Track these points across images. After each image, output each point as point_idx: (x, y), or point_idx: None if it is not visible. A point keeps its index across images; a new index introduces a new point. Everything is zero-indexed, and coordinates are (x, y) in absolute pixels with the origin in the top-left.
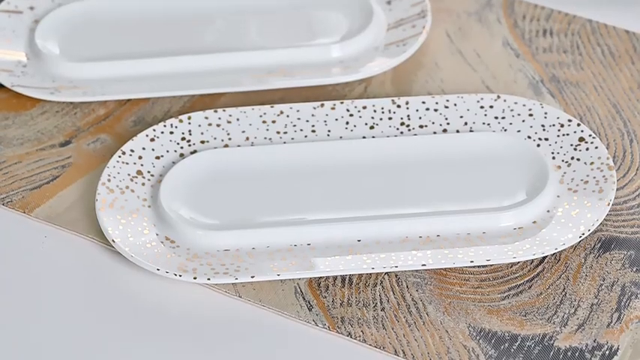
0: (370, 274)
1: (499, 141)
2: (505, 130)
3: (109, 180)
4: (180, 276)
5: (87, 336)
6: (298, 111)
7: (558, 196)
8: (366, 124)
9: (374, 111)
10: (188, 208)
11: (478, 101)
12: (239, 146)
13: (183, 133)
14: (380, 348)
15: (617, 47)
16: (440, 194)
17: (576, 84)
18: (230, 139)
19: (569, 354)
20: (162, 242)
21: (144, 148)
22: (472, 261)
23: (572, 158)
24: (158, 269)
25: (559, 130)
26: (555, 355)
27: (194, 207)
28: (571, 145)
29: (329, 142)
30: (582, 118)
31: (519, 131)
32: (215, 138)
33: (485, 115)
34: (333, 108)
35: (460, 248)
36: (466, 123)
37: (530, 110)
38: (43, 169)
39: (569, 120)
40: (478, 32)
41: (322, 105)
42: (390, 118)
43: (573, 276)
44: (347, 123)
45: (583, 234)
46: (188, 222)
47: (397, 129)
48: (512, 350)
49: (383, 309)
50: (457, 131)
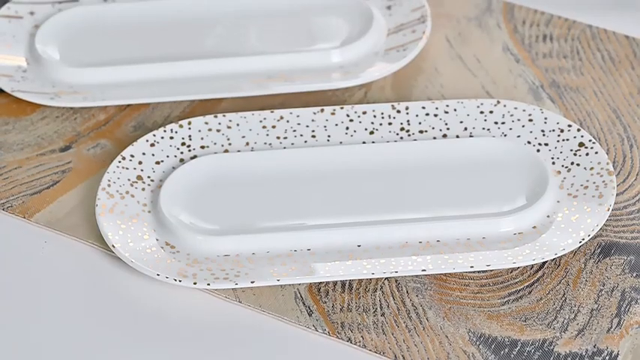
0: (370, 280)
1: (499, 146)
2: (505, 136)
3: (109, 185)
4: (180, 281)
5: (87, 341)
6: (298, 116)
7: (558, 202)
8: (366, 130)
9: (374, 116)
10: (188, 214)
11: (478, 106)
12: (239, 151)
13: (183, 139)
14: (380, 353)
15: (617, 52)
16: (440, 199)
17: (576, 89)
18: (230, 145)
19: (569, 359)
20: (162, 247)
21: (144, 154)
22: (472, 266)
23: (572, 163)
24: (158, 274)
25: (559, 136)
26: None
27: (194, 212)
28: (571, 151)
29: (329, 148)
30: (582, 124)
31: (519, 136)
32: (215, 143)
33: (485, 121)
34: (333, 113)
35: (460, 253)
36: (466, 128)
37: (530, 115)
38: (44, 174)
39: (569, 125)
40: (478, 37)
41: (322, 110)
42: (390, 124)
43: (573, 281)
44: (347, 128)
45: (583, 239)
46: (188, 227)
47: (397, 134)
48: (512, 356)
49: (383, 314)
50: (457, 136)
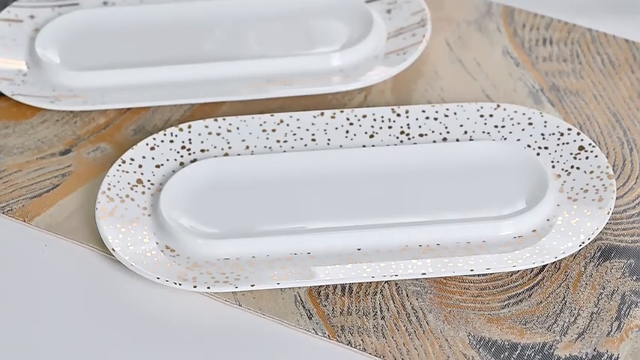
0: (370, 283)
1: (499, 150)
2: (505, 139)
3: (109, 189)
4: (180, 285)
5: (87, 344)
6: (298, 120)
7: (558, 205)
8: (366, 133)
9: (374, 120)
10: (188, 217)
11: (478, 110)
12: (239, 155)
13: (183, 142)
14: (380, 357)
15: (616, 56)
16: (440, 203)
17: (576, 93)
18: (230, 148)
19: None
20: (162, 251)
21: (144, 157)
22: (472, 270)
23: (571, 167)
24: (158, 278)
25: (559, 139)
26: None
27: (194, 216)
28: (571, 154)
29: (329, 151)
30: (582, 127)
31: (519, 140)
32: (215, 147)
33: (485, 124)
34: (333, 117)
35: (460, 257)
36: (466, 132)
37: (529, 119)
38: (44, 178)
39: (568, 129)
40: (478, 41)
41: (322, 114)
42: (390, 127)
43: (573, 285)
44: (347, 132)
45: (583, 243)
46: (188, 231)
47: (397, 138)
48: (512, 359)
49: (383, 318)
50: (457, 140)
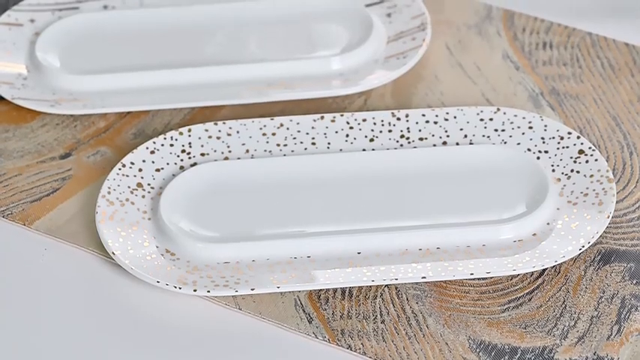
0: (370, 287)
1: (499, 153)
2: (505, 143)
3: (109, 192)
4: (180, 288)
5: (87, 348)
6: (298, 123)
7: (558, 209)
8: (366, 137)
9: (374, 123)
10: (188, 221)
11: (478, 114)
12: (239, 159)
13: (183, 146)
14: None
15: (616, 60)
16: (440, 207)
17: (576, 96)
18: (230, 152)
19: None
20: (162, 255)
21: (144, 161)
22: (472, 273)
23: (571, 171)
24: (158, 282)
25: (559, 143)
26: None
27: (194, 219)
28: (571, 158)
29: (329, 155)
30: (582, 131)
31: (519, 144)
32: (215, 150)
33: (485, 128)
34: (333, 120)
35: (460, 261)
36: (466, 135)
37: (529, 123)
38: (44, 182)
39: (568, 132)
40: (478, 45)
41: (322, 117)
42: (390, 131)
43: (573, 288)
44: (347, 135)
45: (583, 246)
46: (188, 234)
47: (397, 141)
48: None
49: (383, 321)
50: (457, 144)
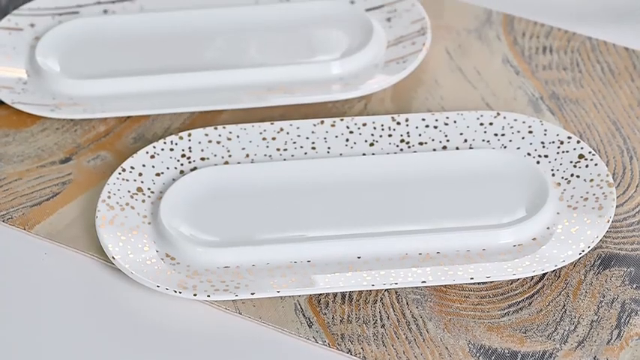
0: (370, 291)
1: (499, 158)
2: (505, 147)
3: (109, 197)
4: (180, 293)
5: (88, 352)
6: (298, 128)
7: (558, 213)
8: (366, 141)
9: (374, 128)
10: (188, 225)
11: (478, 118)
12: (239, 163)
13: (183, 150)
14: None
15: (616, 64)
16: (440, 211)
17: (576, 101)
18: (230, 156)
19: None
20: (162, 259)
21: (144, 165)
22: (472, 278)
23: (571, 175)
24: (158, 286)
25: (559, 147)
26: None
27: (194, 224)
28: (571, 162)
29: (329, 159)
30: (582, 135)
31: (519, 148)
32: (215, 155)
33: (484, 132)
34: (333, 125)
35: (460, 265)
36: (466, 140)
37: (529, 127)
38: (44, 186)
39: (568, 137)
40: (478, 49)
41: (322, 122)
42: (390, 135)
43: (573, 293)
44: (347, 140)
45: (583, 251)
46: (188, 239)
47: (397, 146)
48: None
49: (383, 326)
50: (457, 148)
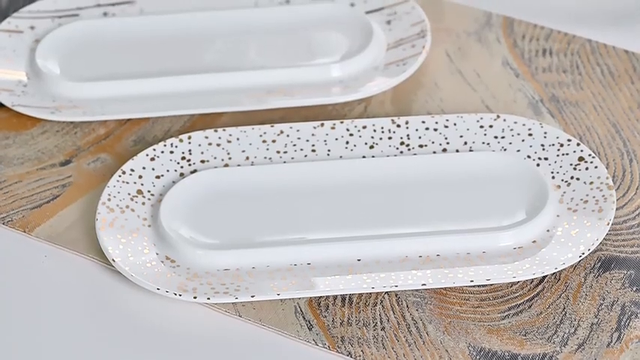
0: (370, 294)
1: (499, 160)
2: (505, 150)
3: (109, 199)
4: (180, 295)
5: (87, 355)
6: (298, 130)
7: (558, 216)
8: (366, 144)
9: (374, 130)
10: (188, 228)
11: (478, 121)
12: (239, 166)
13: (183, 153)
14: None
15: (616, 67)
16: (439, 214)
17: (576, 103)
18: (230, 159)
19: None
20: (162, 262)
21: (144, 168)
22: (472, 280)
23: (571, 178)
24: (158, 289)
25: (558, 150)
26: None
27: (194, 226)
28: (570, 165)
29: (329, 162)
30: (582, 138)
31: (519, 151)
32: (215, 157)
33: (484, 135)
34: (333, 127)
35: (460, 268)
36: (466, 142)
37: (529, 130)
38: (44, 189)
39: (568, 140)
40: (478, 52)
41: (322, 124)
42: (390, 138)
43: (573, 295)
44: (347, 142)
45: (583, 253)
46: (188, 241)
47: (397, 148)
48: None
49: (383, 328)
50: (457, 151)
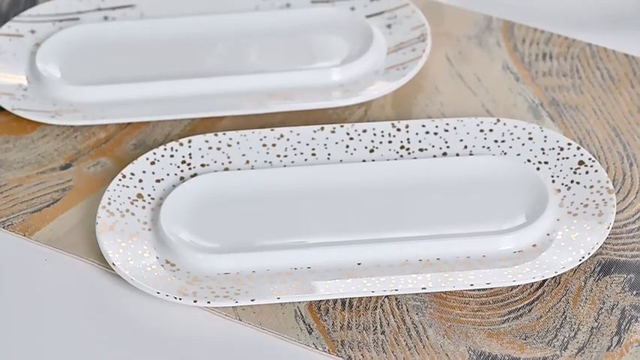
0: (370, 298)
1: (499, 164)
2: (505, 154)
3: (110, 203)
4: (180, 299)
5: (87, 359)
6: (298, 134)
7: (558, 220)
8: (366, 148)
9: (374, 134)
10: (188, 232)
11: (478, 125)
12: (239, 169)
13: (183, 157)
14: None
15: (616, 71)
16: (440, 217)
17: (576, 107)
18: (230, 163)
19: None
20: (162, 265)
21: (144, 172)
22: (472, 284)
23: (571, 182)
24: (158, 292)
25: (559, 154)
26: None
27: (194, 230)
28: (571, 169)
29: (329, 166)
30: (582, 142)
31: (519, 155)
32: (215, 161)
33: (485, 139)
34: (334, 131)
35: (460, 271)
36: (466, 146)
37: (529, 134)
38: (44, 193)
39: (568, 143)
40: (478, 56)
41: (322, 128)
42: (390, 142)
43: (573, 299)
44: (347, 146)
45: (583, 257)
46: (188, 245)
47: (397, 152)
48: None
49: (383, 332)
50: (457, 155)
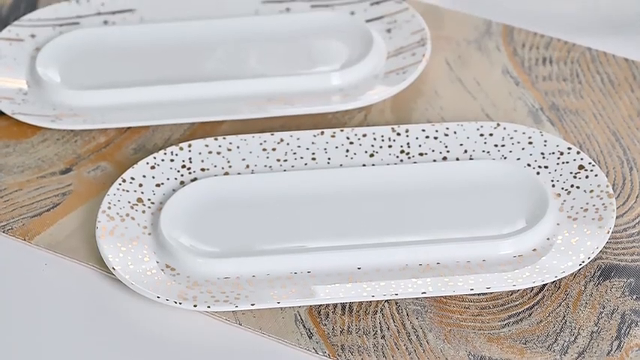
0: (370, 302)
1: (499, 169)
2: (505, 158)
3: (110, 207)
4: (180, 304)
5: None
6: (298, 139)
7: (558, 224)
8: (366, 152)
9: (374, 139)
10: (188, 236)
11: (478, 129)
12: (239, 174)
13: (183, 161)
14: None
15: (616, 75)
16: (440, 222)
17: (576, 112)
18: (230, 167)
19: None
20: (162, 270)
21: (144, 176)
22: (472, 289)
23: (571, 186)
24: (158, 297)
25: (559, 158)
26: None
27: (194, 235)
28: (571, 173)
29: (329, 170)
30: (582, 146)
31: (519, 159)
32: (215, 166)
33: (484, 143)
34: (333, 136)
35: (460, 276)
36: (466, 151)
37: (529, 138)
38: (44, 197)
39: (568, 148)
40: (478, 60)
41: (322, 133)
42: (390, 146)
43: (573, 304)
44: (347, 151)
45: (583, 262)
46: (188, 250)
47: (397, 157)
48: None
49: (383, 337)
50: (457, 159)
